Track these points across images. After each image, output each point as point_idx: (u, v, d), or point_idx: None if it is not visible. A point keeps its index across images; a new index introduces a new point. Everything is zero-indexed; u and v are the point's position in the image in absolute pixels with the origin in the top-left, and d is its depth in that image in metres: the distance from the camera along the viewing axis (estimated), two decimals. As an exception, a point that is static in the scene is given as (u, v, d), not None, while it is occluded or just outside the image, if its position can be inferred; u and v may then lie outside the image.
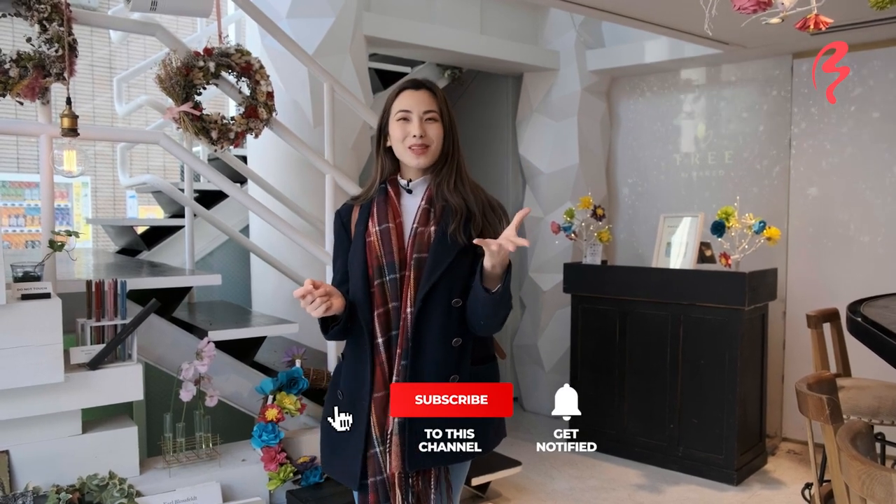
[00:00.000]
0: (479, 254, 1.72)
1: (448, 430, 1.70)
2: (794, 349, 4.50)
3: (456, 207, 1.75)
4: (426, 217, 1.76)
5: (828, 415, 1.72)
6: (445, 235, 1.73)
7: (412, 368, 1.69)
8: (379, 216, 1.77)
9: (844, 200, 4.32)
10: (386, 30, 4.15)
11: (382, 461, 1.70)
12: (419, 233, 1.74)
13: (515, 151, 5.36)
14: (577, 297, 4.50)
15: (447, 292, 1.72)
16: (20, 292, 2.43)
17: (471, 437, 1.73)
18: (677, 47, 4.49)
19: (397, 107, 1.78)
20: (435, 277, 1.70)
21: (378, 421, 1.70)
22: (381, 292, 1.72)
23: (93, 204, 6.75)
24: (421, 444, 1.67)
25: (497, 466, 3.49)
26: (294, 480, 3.02)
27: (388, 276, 1.72)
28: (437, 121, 1.77)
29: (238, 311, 3.85)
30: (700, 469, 3.97)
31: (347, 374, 1.79)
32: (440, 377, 1.71)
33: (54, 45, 2.57)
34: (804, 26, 1.94)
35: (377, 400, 1.70)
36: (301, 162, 3.76)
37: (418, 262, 1.71)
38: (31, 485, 2.53)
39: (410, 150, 1.75)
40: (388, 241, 1.73)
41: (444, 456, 1.71)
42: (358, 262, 1.75)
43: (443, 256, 1.71)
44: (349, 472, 1.73)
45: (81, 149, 2.67)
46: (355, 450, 1.71)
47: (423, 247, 1.73)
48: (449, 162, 1.80)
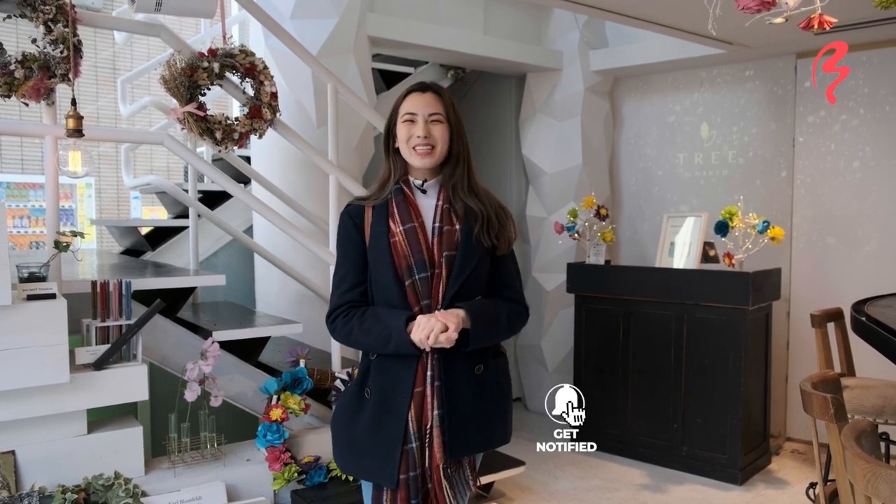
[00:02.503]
0: (497, 258, 1.84)
1: (482, 420, 1.81)
2: (798, 349, 4.50)
3: (477, 211, 1.81)
4: (449, 216, 1.80)
5: (832, 414, 1.72)
6: (471, 236, 1.78)
7: (445, 361, 1.76)
8: (401, 216, 1.79)
9: (848, 200, 4.31)
10: (389, 30, 4.16)
11: (419, 456, 1.73)
12: (445, 231, 1.78)
13: (519, 151, 5.36)
14: (580, 296, 4.50)
15: (472, 290, 1.79)
16: (26, 293, 2.44)
17: (499, 425, 1.87)
18: (681, 47, 4.49)
19: (404, 109, 1.81)
20: (465, 275, 1.76)
21: (416, 416, 1.73)
22: (413, 291, 1.76)
23: (97, 205, 6.76)
24: (461, 434, 1.75)
25: (501, 466, 3.49)
26: (298, 480, 3.02)
27: (419, 274, 1.75)
28: (443, 122, 1.81)
29: (242, 312, 3.85)
30: (704, 469, 3.97)
31: (381, 373, 1.80)
32: (468, 369, 1.79)
33: (59, 46, 2.58)
34: (808, 26, 1.94)
35: (417, 395, 1.74)
36: (304, 162, 3.76)
37: (448, 260, 1.76)
38: (37, 485, 2.53)
39: (415, 150, 1.79)
40: (414, 241, 1.76)
41: (479, 444, 1.83)
42: (386, 264, 1.77)
43: (471, 256, 1.78)
44: (386, 470, 1.74)
45: (86, 149, 2.68)
46: (391, 447, 1.74)
47: (451, 245, 1.77)
48: (460, 164, 1.84)
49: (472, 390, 1.79)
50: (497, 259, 1.84)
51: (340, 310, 1.81)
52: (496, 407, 1.85)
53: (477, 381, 1.80)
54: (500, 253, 1.83)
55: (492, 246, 1.81)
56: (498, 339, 1.85)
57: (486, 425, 1.82)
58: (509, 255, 1.89)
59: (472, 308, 1.75)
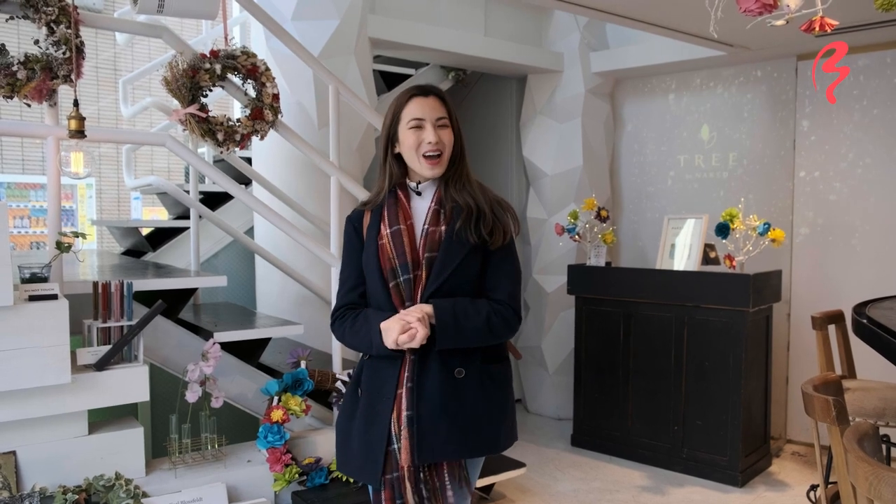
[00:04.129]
0: (488, 252, 1.79)
1: (457, 425, 1.74)
2: (799, 351, 4.50)
3: (463, 206, 1.78)
4: (436, 217, 1.80)
5: (834, 416, 1.72)
6: (454, 235, 1.76)
7: (420, 363, 1.74)
8: (390, 219, 1.80)
9: (849, 202, 4.31)
10: (390, 32, 4.16)
11: (397, 457, 1.73)
12: (430, 233, 1.78)
13: (519, 153, 5.37)
14: (581, 298, 4.51)
15: (455, 290, 1.76)
16: (27, 293, 2.44)
17: (484, 433, 1.78)
18: (681, 49, 4.49)
19: (409, 114, 1.79)
20: (444, 276, 1.74)
21: (398, 417, 1.73)
22: (398, 293, 1.76)
23: (97, 205, 6.77)
24: (429, 437, 1.70)
25: (501, 468, 3.50)
26: (299, 481, 3.02)
27: (402, 276, 1.76)
28: (448, 127, 1.81)
29: (243, 313, 3.85)
30: (704, 471, 3.97)
31: (371, 373, 1.81)
32: (444, 371, 1.74)
33: (62, 47, 2.58)
34: (810, 28, 1.94)
35: (399, 396, 1.74)
36: (305, 163, 3.77)
37: (429, 262, 1.75)
38: (38, 485, 2.54)
39: (425, 158, 1.78)
40: (399, 243, 1.77)
41: (455, 450, 1.74)
42: (373, 266, 1.79)
43: (453, 255, 1.75)
44: (372, 470, 1.74)
45: (88, 150, 2.68)
46: (378, 447, 1.74)
47: (434, 246, 1.76)
48: (457, 164, 1.84)
49: (449, 394, 1.72)
50: (489, 257, 1.79)
51: (340, 311, 1.86)
52: (481, 414, 1.76)
53: (455, 385, 1.73)
54: (494, 247, 1.77)
55: (480, 241, 1.75)
56: (475, 340, 1.74)
57: (464, 432, 1.73)
58: (505, 255, 1.81)
59: (440, 304, 1.70)
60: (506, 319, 1.78)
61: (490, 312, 1.75)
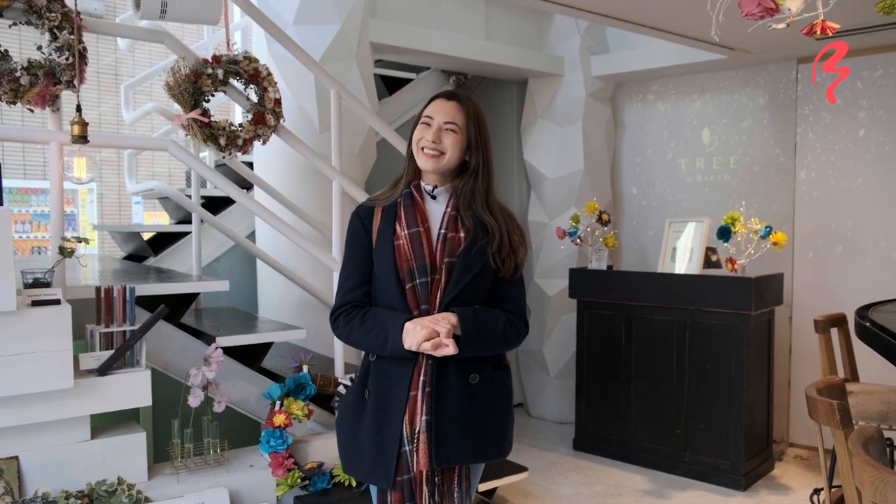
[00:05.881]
0: (499, 276, 1.82)
1: (472, 430, 1.77)
2: (801, 354, 4.50)
3: (490, 227, 1.80)
4: (454, 223, 1.80)
5: (838, 420, 1.72)
6: (475, 245, 1.78)
7: (439, 368, 1.74)
8: (407, 220, 1.80)
9: (851, 204, 4.32)
10: (391, 36, 4.17)
11: (410, 460, 1.73)
12: (449, 238, 1.78)
13: (520, 157, 5.37)
14: (582, 302, 4.51)
15: (471, 299, 1.78)
16: (30, 299, 2.44)
17: (493, 439, 1.81)
18: (681, 52, 4.50)
19: (425, 112, 1.84)
20: (464, 282, 1.76)
21: (409, 419, 1.73)
22: (413, 295, 1.76)
23: (98, 210, 6.77)
24: (447, 442, 1.72)
25: (503, 472, 3.49)
26: (302, 486, 3.02)
27: (419, 279, 1.76)
28: (457, 133, 1.82)
29: (245, 317, 3.85)
30: (707, 474, 3.96)
31: (380, 374, 1.81)
32: (461, 377, 1.76)
33: (65, 53, 2.59)
34: (811, 32, 1.94)
35: (412, 399, 1.74)
36: (307, 168, 3.77)
37: (449, 266, 1.76)
38: (41, 490, 2.53)
39: (422, 151, 1.80)
40: (418, 245, 1.77)
41: (469, 455, 1.78)
42: (388, 266, 1.78)
43: (472, 264, 1.77)
44: (385, 473, 1.75)
45: (90, 155, 2.68)
46: (389, 449, 1.74)
47: (453, 251, 1.77)
48: (479, 178, 1.84)
49: (465, 399, 1.76)
50: (501, 277, 1.83)
51: (343, 308, 1.84)
52: (491, 420, 1.81)
53: (470, 391, 1.77)
54: (503, 276, 1.82)
55: (496, 267, 1.80)
56: (491, 349, 1.80)
57: (476, 437, 1.78)
58: (516, 277, 1.87)
59: (464, 314, 1.74)
60: (517, 329, 1.84)
61: (505, 323, 1.81)
